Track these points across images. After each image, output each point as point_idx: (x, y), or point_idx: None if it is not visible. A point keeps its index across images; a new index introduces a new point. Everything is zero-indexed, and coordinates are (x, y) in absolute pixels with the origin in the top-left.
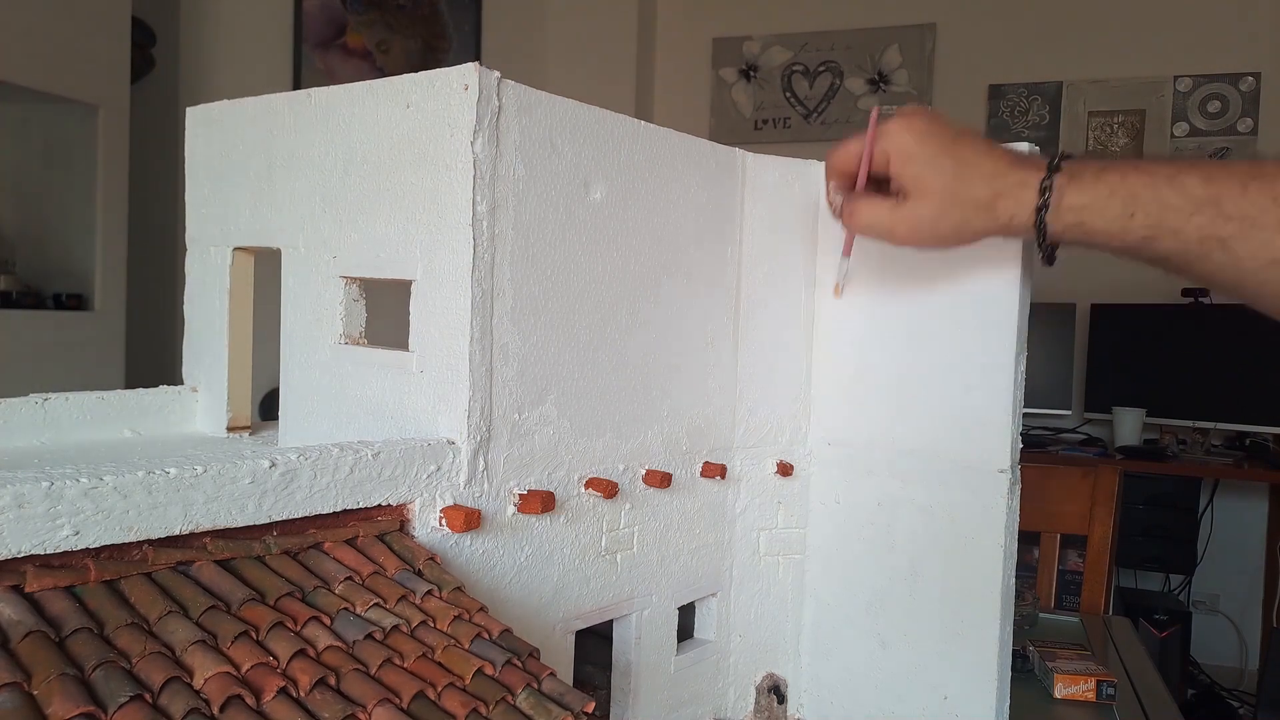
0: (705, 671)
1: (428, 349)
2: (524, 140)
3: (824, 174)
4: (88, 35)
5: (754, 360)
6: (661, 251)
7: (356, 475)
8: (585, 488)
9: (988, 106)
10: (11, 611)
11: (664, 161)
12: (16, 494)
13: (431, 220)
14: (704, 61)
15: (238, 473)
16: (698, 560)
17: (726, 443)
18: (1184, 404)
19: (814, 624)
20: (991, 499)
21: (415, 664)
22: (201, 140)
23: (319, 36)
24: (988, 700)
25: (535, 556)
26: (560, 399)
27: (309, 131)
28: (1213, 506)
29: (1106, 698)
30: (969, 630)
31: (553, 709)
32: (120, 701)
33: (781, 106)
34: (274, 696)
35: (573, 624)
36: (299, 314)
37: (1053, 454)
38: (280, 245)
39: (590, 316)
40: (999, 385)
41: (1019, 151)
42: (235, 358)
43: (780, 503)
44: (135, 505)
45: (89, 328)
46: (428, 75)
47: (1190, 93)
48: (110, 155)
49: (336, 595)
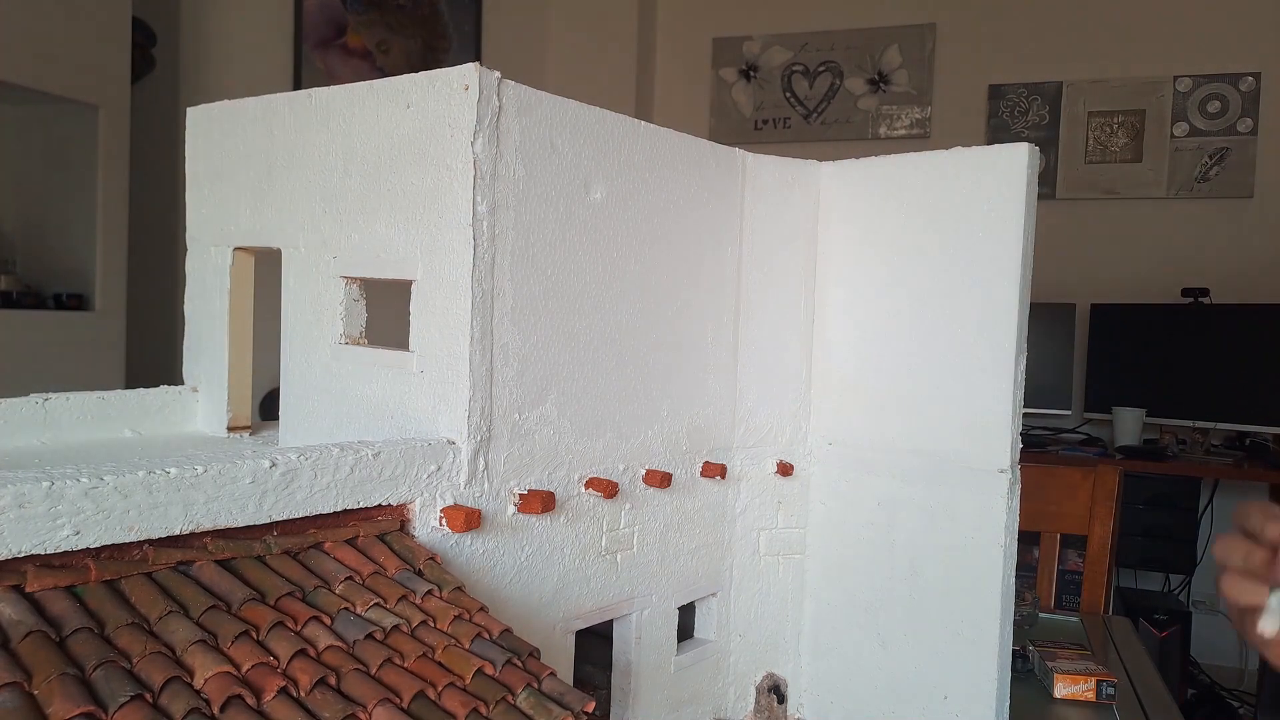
0: (705, 671)
1: (428, 349)
2: (524, 140)
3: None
4: (88, 35)
5: (754, 360)
6: (661, 251)
7: (357, 475)
8: (585, 488)
9: (988, 106)
10: (12, 611)
11: (664, 161)
12: (17, 494)
13: (432, 220)
14: (704, 61)
15: (238, 472)
16: (698, 560)
17: (726, 443)
18: (1184, 404)
19: (814, 624)
20: (991, 499)
21: (415, 664)
22: (201, 140)
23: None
24: (988, 700)
25: (535, 556)
26: (560, 399)
27: (309, 131)
28: (1213, 506)
29: (1106, 698)
30: (969, 630)
31: (553, 709)
32: (121, 701)
33: (781, 106)
34: (274, 696)
35: (573, 624)
36: (299, 314)
37: (1053, 454)
38: (280, 245)
39: (590, 316)
40: (999, 385)
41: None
42: (235, 358)
43: (780, 503)
44: (136, 505)
45: (89, 328)
46: (428, 75)
47: (1190, 93)
48: (110, 155)
49: (337, 595)
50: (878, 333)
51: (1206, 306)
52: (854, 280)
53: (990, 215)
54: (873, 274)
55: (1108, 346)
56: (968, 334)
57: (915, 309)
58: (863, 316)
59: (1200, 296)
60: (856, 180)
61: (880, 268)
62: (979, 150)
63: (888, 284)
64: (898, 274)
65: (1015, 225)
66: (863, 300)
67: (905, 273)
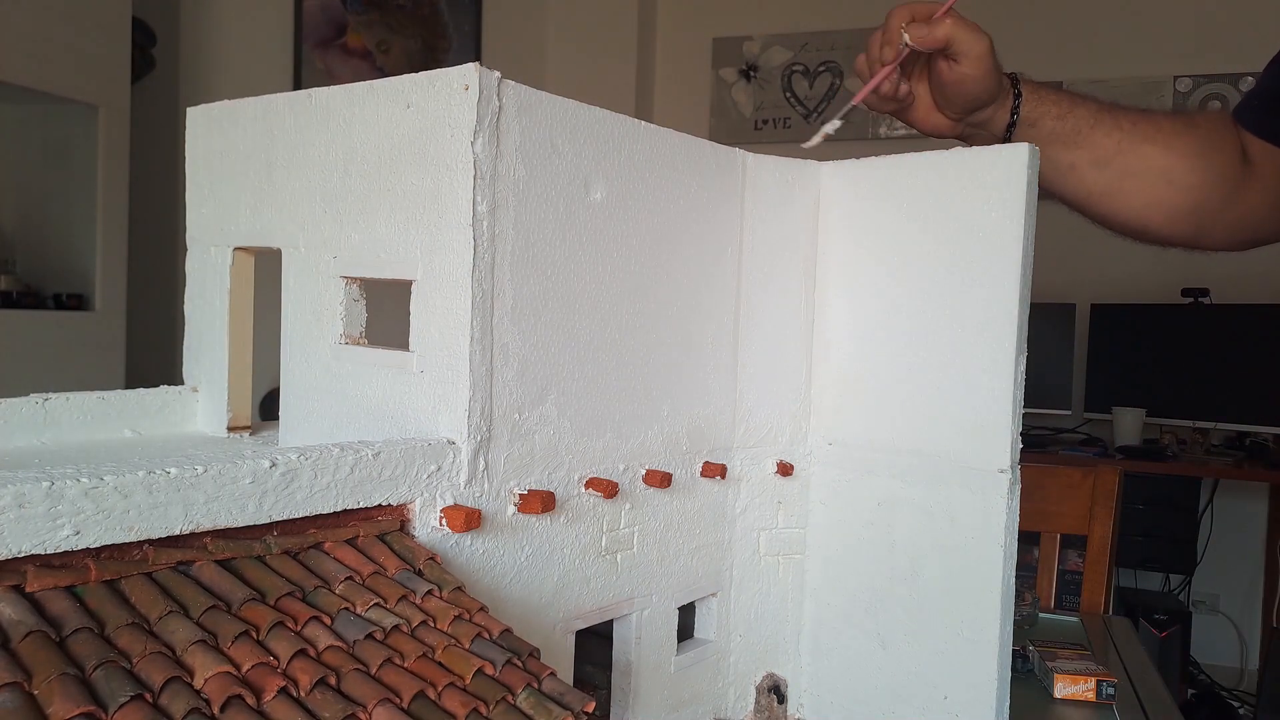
0: (705, 671)
1: (428, 349)
2: (524, 140)
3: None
4: (88, 35)
5: (754, 360)
6: (662, 251)
7: (357, 475)
8: (585, 488)
9: None
10: (12, 611)
11: (664, 161)
12: (17, 494)
13: (432, 220)
14: (704, 61)
15: (238, 473)
16: (698, 560)
17: (726, 443)
18: (1184, 404)
19: (814, 624)
20: (991, 499)
21: (415, 664)
22: (201, 140)
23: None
24: (988, 700)
25: (535, 556)
26: (560, 399)
27: (309, 131)
28: (1212, 506)
29: (1106, 698)
30: (969, 630)
31: (553, 709)
32: (121, 701)
33: (781, 106)
34: (274, 696)
35: (573, 624)
36: (299, 314)
37: (1053, 454)
38: (280, 245)
39: (590, 316)
40: (999, 385)
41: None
42: (235, 358)
43: (780, 503)
44: (136, 505)
45: (89, 328)
46: (428, 75)
47: (1190, 93)
48: (110, 155)
49: (337, 595)
50: (878, 332)
51: (1206, 306)
52: (854, 280)
53: (990, 215)
54: (873, 274)
55: (1108, 346)
56: (968, 334)
57: (915, 309)
58: (863, 316)
59: (1200, 296)
60: (856, 180)
61: (880, 267)
62: (979, 150)
63: (888, 284)
64: (898, 274)
65: (1015, 225)
66: (863, 300)
67: (905, 272)
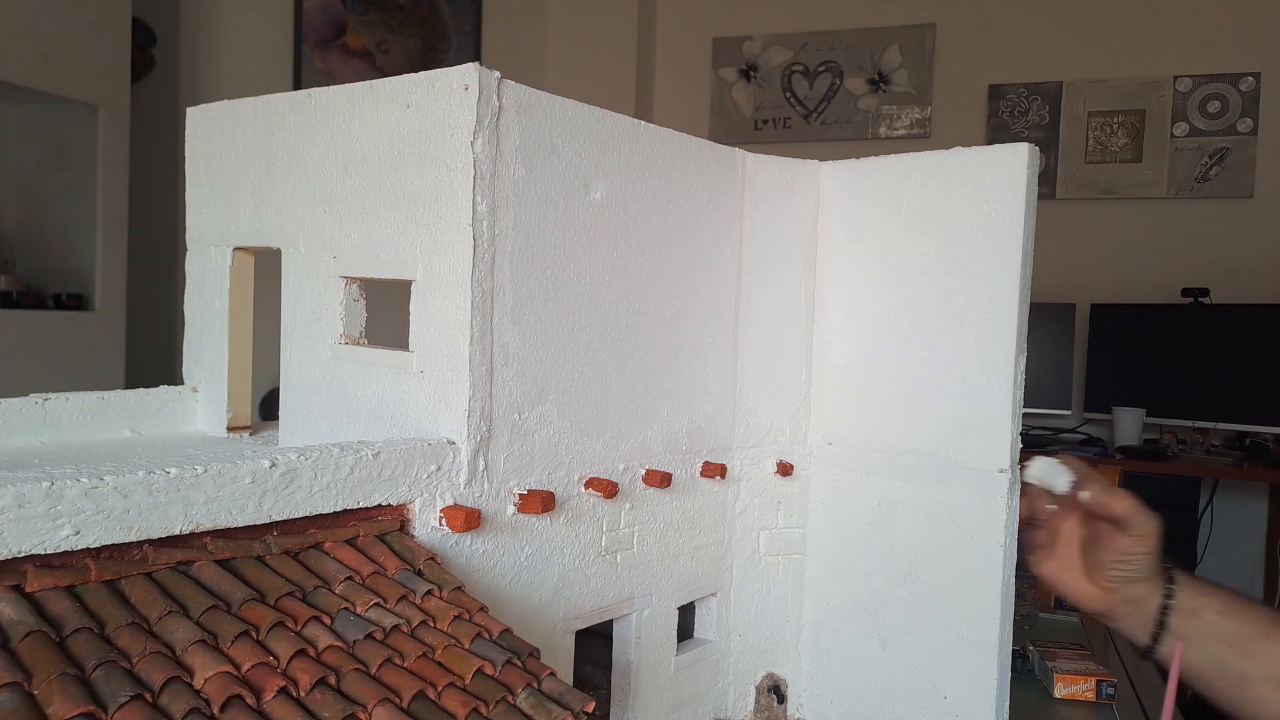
0: (705, 671)
1: (428, 349)
2: (524, 140)
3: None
4: (88, 35)
5: (754, 360)
6: (662, 251)
7: (357, 475)
8: (585, 488)
9: (988, 106)
10: (12, 611)
11: (664, 161)
12: (17, 494)
13: (431, 220)
14: (704, 61)
15: (238, 473)
16: (698, 560)
17: (726, 443)
18: (1184, 404)
19: (814, 624)
20: (991, 499)
21: (415, 664)
22: (201, 140)
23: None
24: (988, 700)
25: (535, 556)
26: (560, 399)
27: (309, 131)
28: (1212, 506)
29: (1106, 698)
30: (969, 630)
31: (553, 709)
32: (120, 701)
33: (781, 106)
34: (274, 696)
35: (573, 624)
36: (299, 314)
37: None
38: (280, 245)
39: (590, 316)
40: (999, 385)
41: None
42: (235, 358)
43: (780, 503)
44: (136, 505)
45: (89, 328)
46: (428, 75)
47: (1190, 93)
48: (110, 155)
49: (337, 595)
50: (877, 332)
51: (1206, 306)
52: (854, 280)
53: (990, 215)
54: (872, 274)
55: (1108, 346)
56: (967, 334)
57: (915, 309)
58: (862, 316)
59: (1200, 296)
60: (856, 180)
61: (880, 267)
62: (979, 150)
63: (887, 283)
64: (897, 274)
65: (1015, 225)
66: (862, 300)
67: (905, 272)
